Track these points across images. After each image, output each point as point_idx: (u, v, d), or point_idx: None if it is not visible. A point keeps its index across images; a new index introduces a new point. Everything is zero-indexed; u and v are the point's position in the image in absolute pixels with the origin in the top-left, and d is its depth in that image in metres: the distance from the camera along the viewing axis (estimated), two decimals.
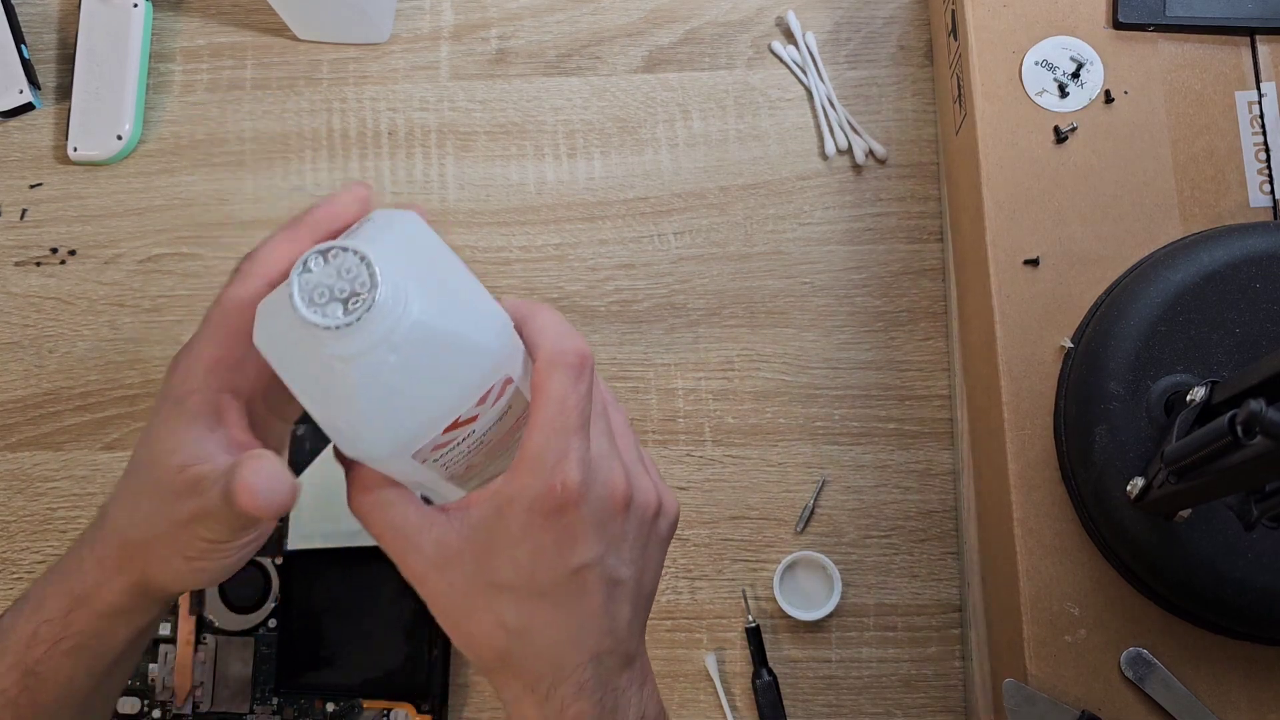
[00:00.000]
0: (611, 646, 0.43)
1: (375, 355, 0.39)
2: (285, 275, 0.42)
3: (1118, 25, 0.61)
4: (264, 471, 0.40)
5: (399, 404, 0.41)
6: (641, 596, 0.44)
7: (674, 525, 0.46)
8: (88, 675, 0.44)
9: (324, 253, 0.39)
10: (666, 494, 0.45)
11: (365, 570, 0.66)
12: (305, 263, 0.39)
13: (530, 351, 0.43)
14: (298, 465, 0.66)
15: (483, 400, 0.43)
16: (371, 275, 0.38)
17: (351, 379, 0.40)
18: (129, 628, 0.44)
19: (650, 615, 0.66)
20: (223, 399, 0.43)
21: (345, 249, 0.39)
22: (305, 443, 0.66)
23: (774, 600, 0.65)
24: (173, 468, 0.42)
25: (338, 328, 0.38)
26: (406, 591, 0.65)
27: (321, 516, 0.65)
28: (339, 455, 0.44)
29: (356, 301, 0.38)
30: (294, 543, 0.65)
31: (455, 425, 0.43)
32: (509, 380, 0.44)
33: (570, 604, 0.42)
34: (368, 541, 0.57)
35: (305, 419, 0.50)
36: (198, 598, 0.66)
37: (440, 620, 0.43)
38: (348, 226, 0.44)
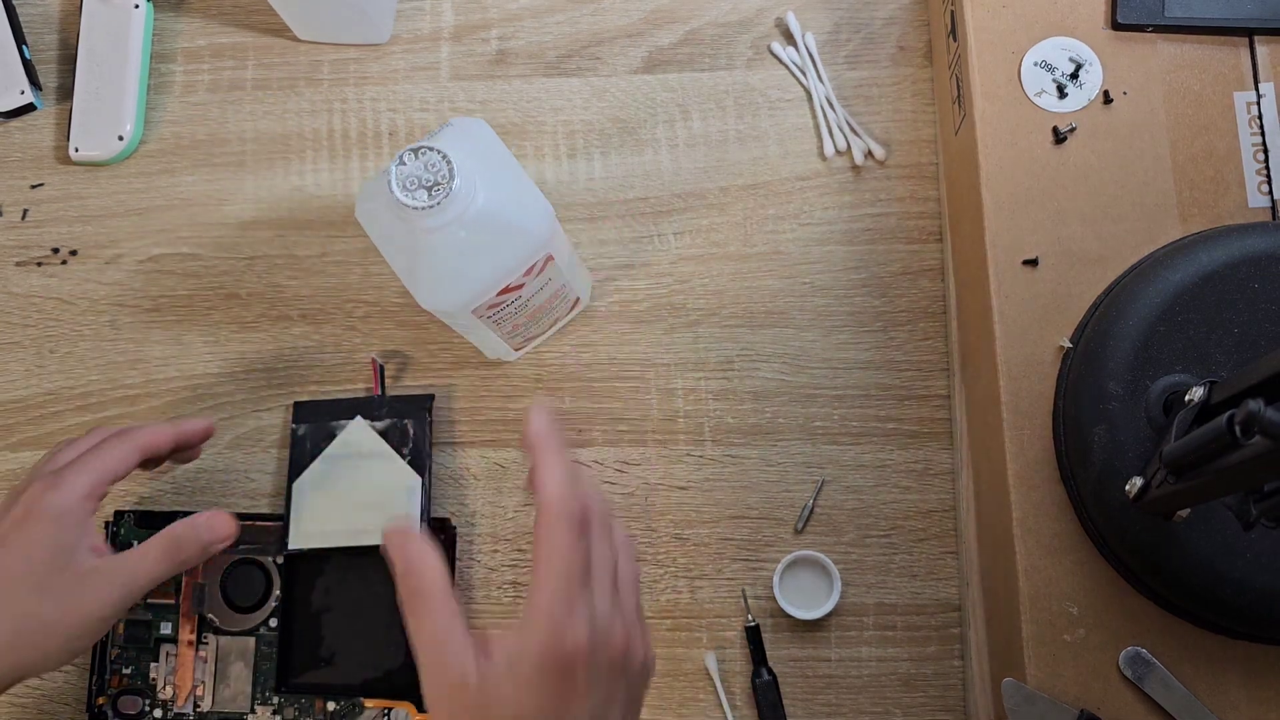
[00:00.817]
0: None
1: (450, 230, 0.53)
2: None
3: (1116, 26, 0.61)
4: (225, 521, 0.58)
5: (466, 268, 0.55)
6: None
7: (650, 678, 0.48)
8: None
9: (414, 150, 0.52)
10: (650, 650, 0.47)
11: (366, 570, 0.66)
12: (400, 158, 0.52)
13: (535, 497, 0.45)
14: (298, 465, 0.66)
15: (529, 271, 0.58)
16: (450, 169, 0.52)
17: (432, 247, 0.54)
18: None
19: (650, 615, 0.67)
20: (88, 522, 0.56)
21: (431, 148, 0.52)
22: (306, 442, 0.66)
23: (773, 599, 0.65)
24: (85, 561, 0.54)
25: (424, 208, 0.51)
26: None
27: (322, 517, 0.65)
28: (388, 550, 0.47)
29: (438, 189, 0.51)
30: (295, 542, 0.65)
31: (507, 290, 0.58)
32: (550, 258, 0.58)
33: None
34: (369, 541, 0.59)
35: (302, 419, 0.58)
36: (199, 597, 0.66)
37: None
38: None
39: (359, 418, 0.67)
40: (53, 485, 0.55)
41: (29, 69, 0.75)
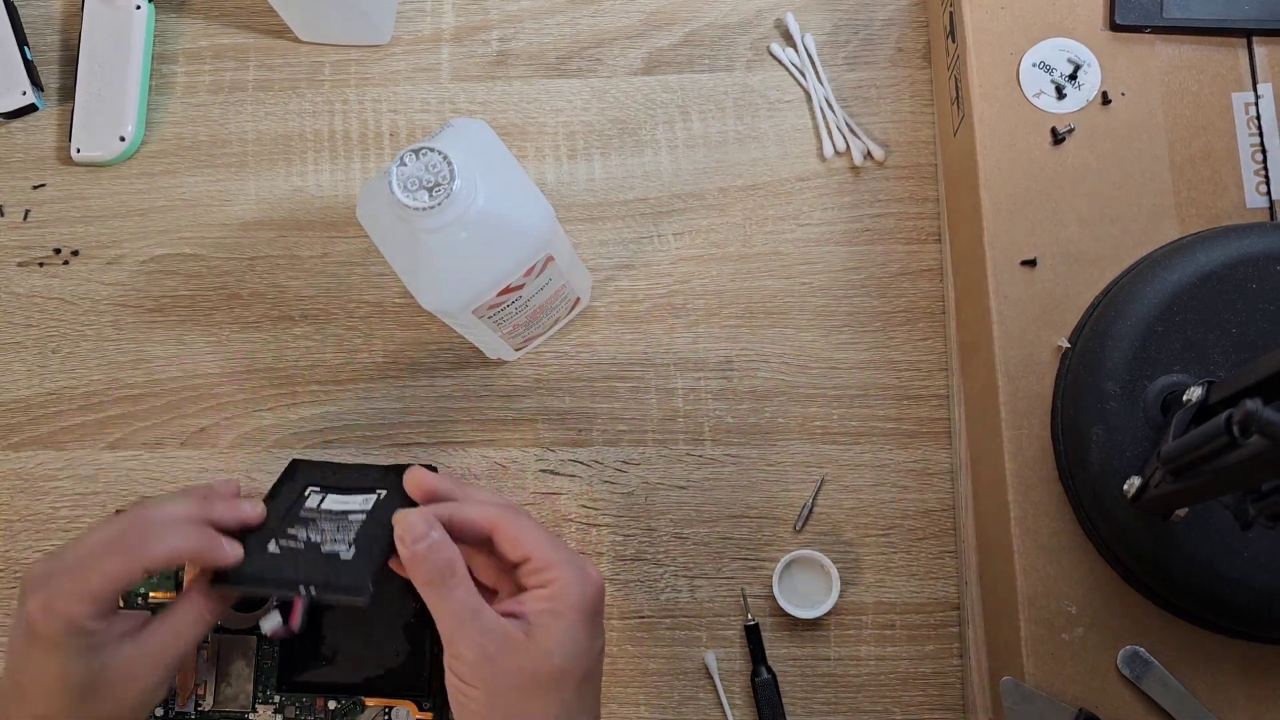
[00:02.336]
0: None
1: (451, 231, 0.53)
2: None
3: (1115, 27, 0.61)
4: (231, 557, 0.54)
5: (466, 269, 0.55)
6: None
7: None
8: None
9: (415, 151, 0.52)
10: None
11: None
12: (401, 159, 0.52)
13: (470, 526, 0.51)
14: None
15: (529, 272, 0.58)
16: (451, 170, 0.51)
17: (433, 248, 0.54)
18: None
19: (650, 614, 0.67)
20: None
21: (431, 149, 0.52)
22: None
23: (773, 598, 0.65)
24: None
25: (424, 209, 0.51)
26: (408, 590, 0.65)
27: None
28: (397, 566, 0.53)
29: (439, 190, 0.51)
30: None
31: (507, 290, 0.58)
32: (550, 258, 0.58)
33: (596, 684, 0.51)
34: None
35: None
36: None
37: (470, 712, 0.48)
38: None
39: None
40: (46, 611, 0.49)
41: (30, 70, 0.75)
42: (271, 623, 0.60)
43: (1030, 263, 0.58)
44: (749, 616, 0.66)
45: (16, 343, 0.73)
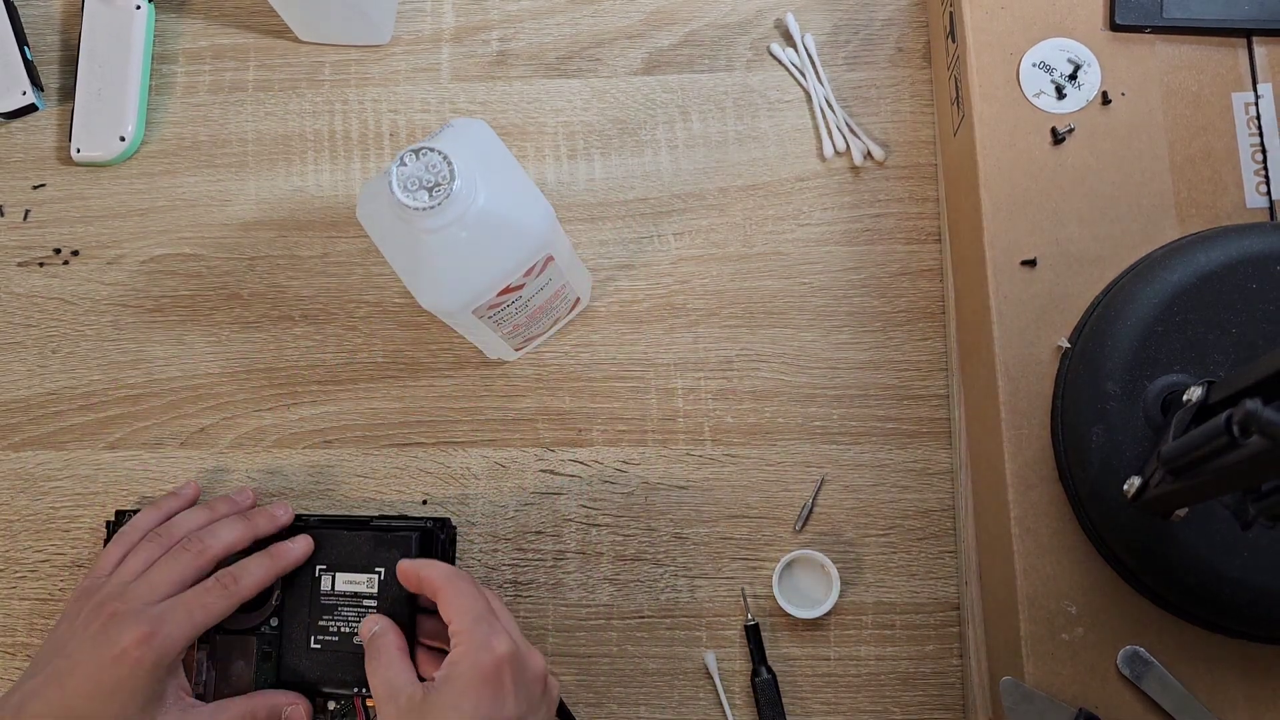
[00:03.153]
0: None
1: (451, 231, 0.53)
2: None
3: (1115, 27, 0.61)
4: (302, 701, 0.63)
5: (466, 269, 0.55)
6: None
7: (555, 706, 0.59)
8: None
9: (415, 151, 0.52)
10: (554, 682, 0.58)
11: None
12: (401, 159, 0.52)
13: (426, 580, 0.57)
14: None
15: (529, 272, 0.58)
16: (451, 170, 0.52)
17: (432, 248, 0.54)
18: None
19: (650, 614, 0.67)
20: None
21: (431, 149, 0.52)
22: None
23: (773, 598, 0.65)
24: None
25: (425, 209, 0.52)
26: (409, 598, 0.65)
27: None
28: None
29: (439, 190, 0.52)
30: None
31: (507, 290, 0.58)
32: (550, 258, 0.59)
33: None
34: None
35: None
36: None
37: None
38: None
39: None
40: (154, 633, 0.56)
41: (31, 70, 0.75)
42: None
43: (1030, 263, 0.58)
44: (749, 616, 0.66)
45: (16, 343, 0.73)
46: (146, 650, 0.56)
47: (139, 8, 0.75)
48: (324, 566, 0.64)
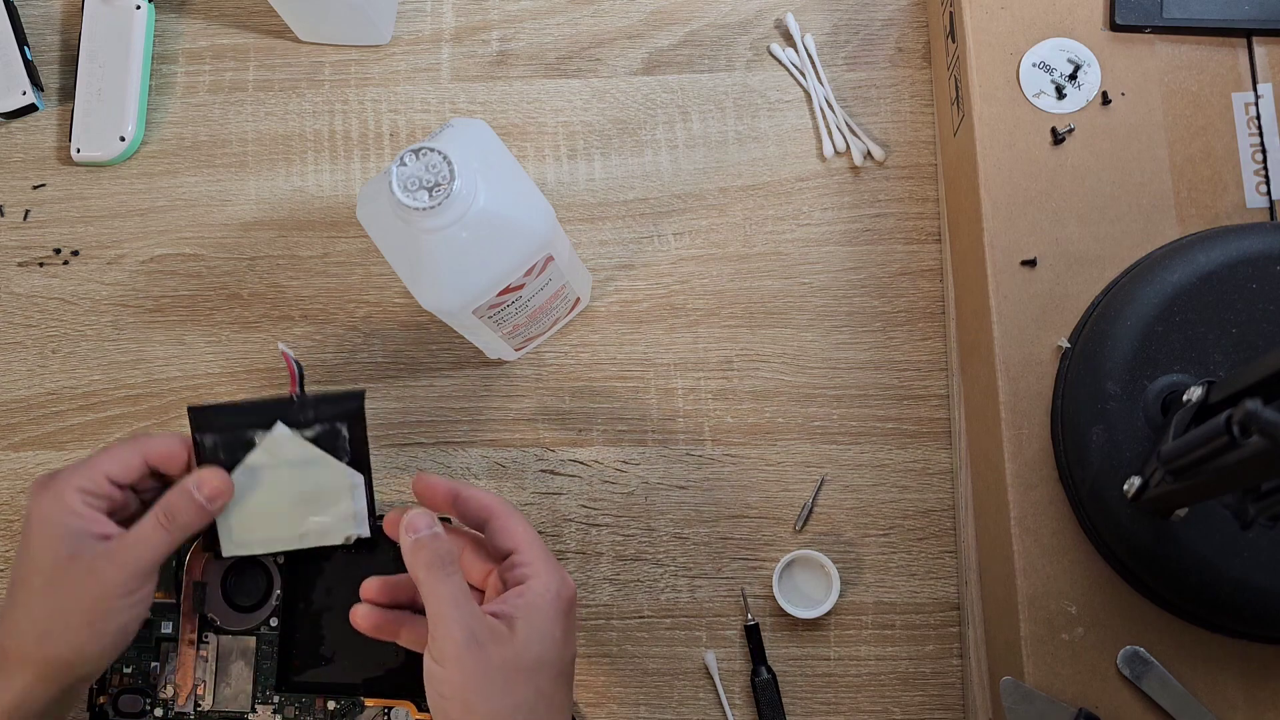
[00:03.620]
0: None
1: (451, 231, 0.53)
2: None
3: (1115, 27, 0.61)
4: (215, 473, 0.56)
5: (467, 269, 0.55)
6: None
7: None
8: None
9: (415, 151, 0.52)
10: None
11: (367, 569, 0.66)
12: (401, 159, 0.52)
13: (475, 508, 0.55)
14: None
15: (529, 272, 0.58)
16: (451, 170, 0.52)
17: (433, 248, 0.54)
18: None
19: (650, 614, 0.67)
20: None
21: (432, 149, 0.52)
22: (219, 453, 0.58)
23: (773, 598, 0.65)
24: (89, 545, 0.54)
25: (425, 209, 0.51)
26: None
27: (254, 525, 0.59)
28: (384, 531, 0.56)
29: (439, 190, 0.52)
30: (228, 550, 0.59)
31: (507, 290, 0.58)
32: (550, 258, 0.58)
33: (568, 684, 0.53)
34: (313, 543, 0.60)
35: (205, 428, 0.58)
36: (200, 596, 0.66)
37: (449, 697, 0.50)
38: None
39: (280, 425, 0.57)
40: (44, 487, 0.55)
41: (31, 70, 0.75)
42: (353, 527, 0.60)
43: (1030, 263, 0.59)
44: (749, 616, 0.66)
45: (16, 343, 0.73)
46: (37, 504, 0.54)
47: (139, 8, 0.75)
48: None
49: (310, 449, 0.58)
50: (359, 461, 0.58)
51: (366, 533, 0.59)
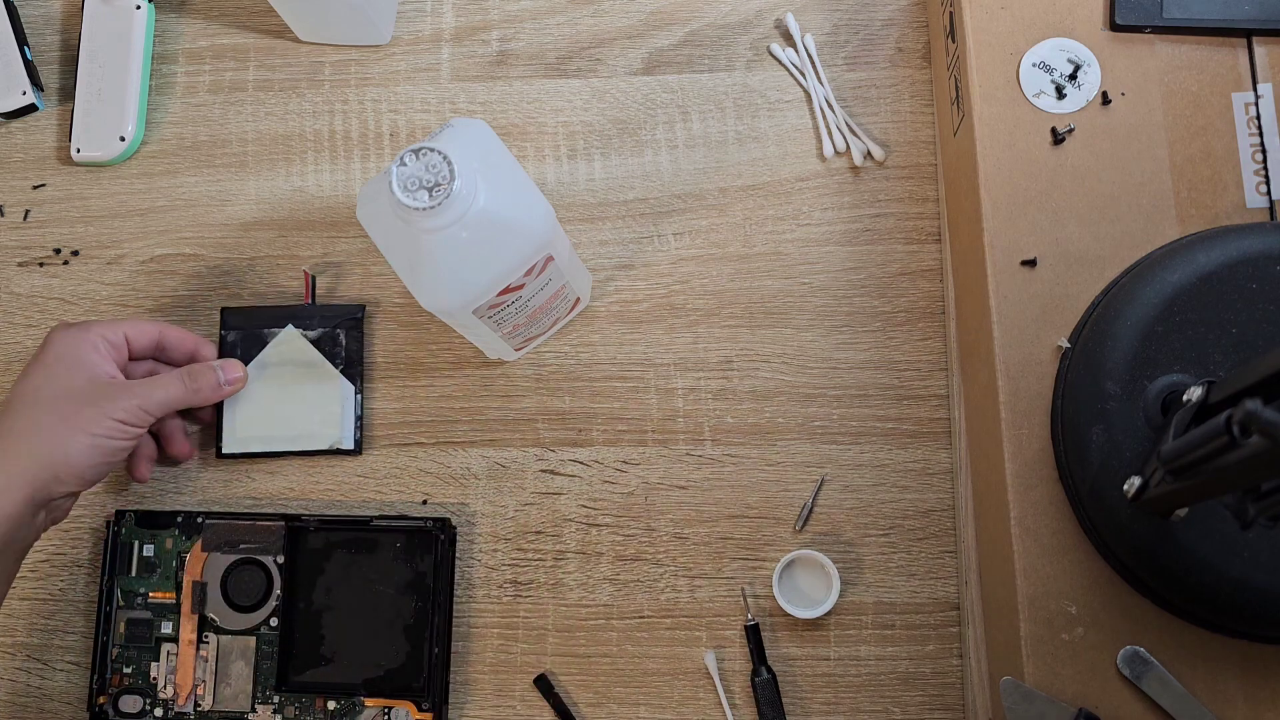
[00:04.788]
0: None
1: (451, 231, 0.53)
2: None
3: (1115, 27, 0.61)
4: (236, 363, 0.68)
5: (467, 269, 0.56)
6: None
7: None
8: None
9: (415, 151, 0.52)
10: None
11: (367, 569, 0.66)
12: (401, 159, 0.52)
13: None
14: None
15: (529, 272, 0.58)
16: (451, 170, 0.52)
17: (432, 248, 0.54)
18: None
19: (650, 614, 0.67)
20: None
21: (432, 149, 0.52)
22: (236, 349, 0.70)
23: (773, 598, 0.65)
24: (103, 376, 0.62)
25: (425, 209, 0.52)
26: (407, 590, 0.65)
27: (255, 422, 0.69)
28: None
29: (439, 190, 0.52)
30: (229, 447, 0.69)
31: (507, 290, 0.58)
32: (550, 258, 0.59)
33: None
34: (304, 446, 0.69)
35: (232, 325, 0.69)
36: (199, 598, 0.66)
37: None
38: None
39: (290, 326, 0.69)
40: (67, 326, 0.63)
41: (31, 70, 0.75)
42: None
43: (1030, 263, 0.59)
44: (749, 616, 0.66)
45: (17, 343, 0.73)
46: (64, 332, 0.62)
47: (139, 8, 0.75)
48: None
49: (312, 351, 0.68)
50: (351, 370, 0.69)
51: (350, 445, 0.68)
